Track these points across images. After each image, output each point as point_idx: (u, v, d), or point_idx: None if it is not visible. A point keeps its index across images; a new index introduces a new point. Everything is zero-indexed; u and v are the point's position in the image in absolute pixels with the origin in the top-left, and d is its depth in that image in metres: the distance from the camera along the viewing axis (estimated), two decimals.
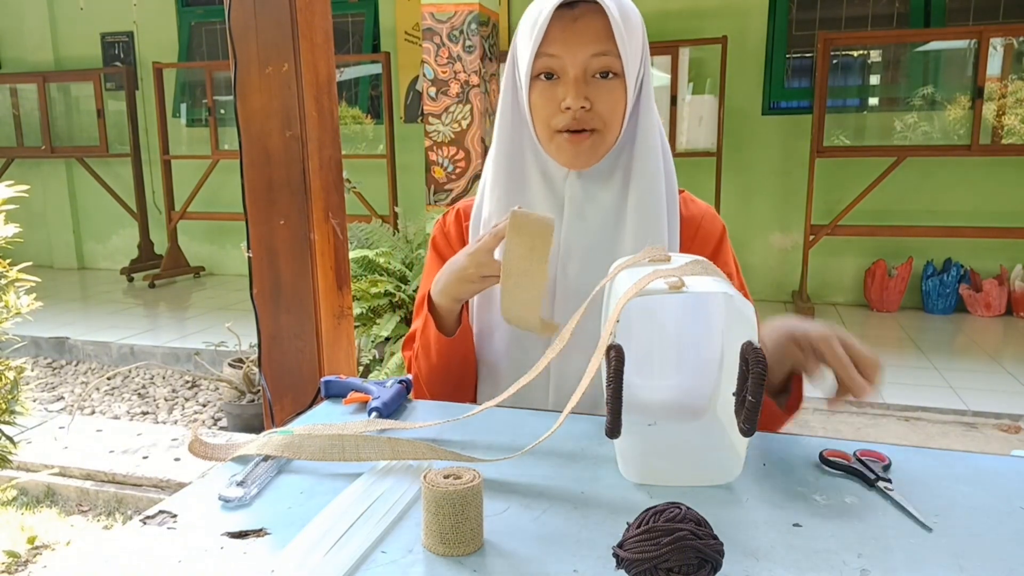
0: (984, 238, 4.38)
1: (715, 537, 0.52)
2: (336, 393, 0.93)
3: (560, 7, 0.90)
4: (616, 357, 0.62)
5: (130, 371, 3.81)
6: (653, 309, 0.81)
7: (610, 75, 0.91)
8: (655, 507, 0.53)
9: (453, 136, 3.49)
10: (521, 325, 0.90)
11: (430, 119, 3.51)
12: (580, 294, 0.81)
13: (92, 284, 5.75)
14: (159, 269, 5.63)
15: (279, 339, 1.32)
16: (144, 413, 3.31)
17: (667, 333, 0.81)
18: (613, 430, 0.64)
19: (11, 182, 2.00)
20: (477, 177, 3.53)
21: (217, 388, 3.48)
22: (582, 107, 0.90)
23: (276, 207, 1.29)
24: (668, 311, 0.81)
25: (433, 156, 3.54)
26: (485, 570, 0.55)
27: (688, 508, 0.53)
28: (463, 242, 1.06)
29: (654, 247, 0.76)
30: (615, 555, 0.52)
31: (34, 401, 2.93)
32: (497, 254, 0.90)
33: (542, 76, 0.92)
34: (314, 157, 1.27)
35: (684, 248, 0.99)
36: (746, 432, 0.63)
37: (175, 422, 3.19)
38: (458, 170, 3.53)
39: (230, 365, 3.04)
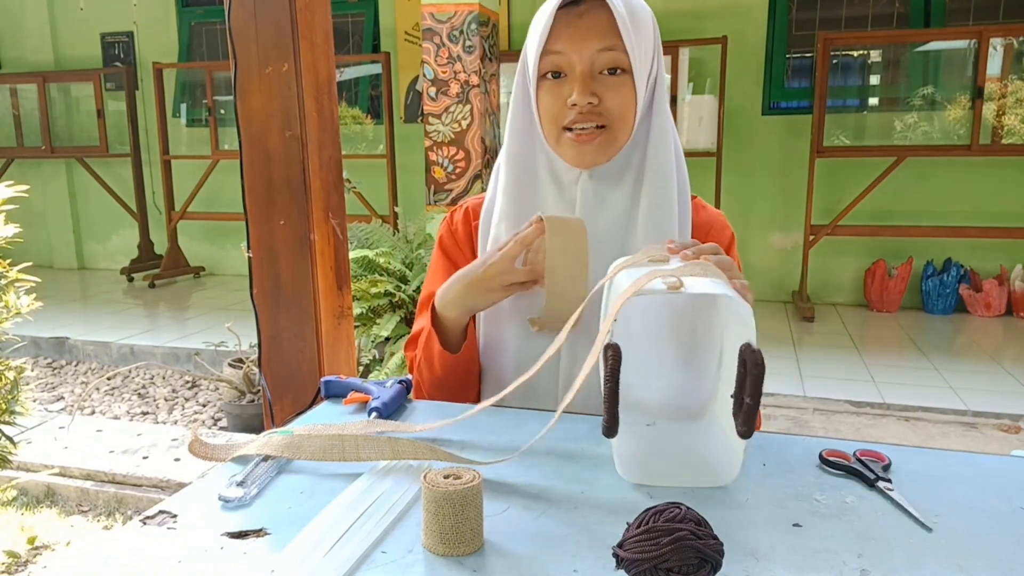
0: (984, 238, 4.38)
1: (715, 537, 0.52)
2: (336, 393, 0.93)
3: (566, 5, 0.89)
4: (613, 356, 0.62)
5: (130, 371, 3.81)
6: (652, 309, 0.81)
7: (618, 71, 0.90)
8: (655, 507, 0.53)
9: (453, 136, 3.49)
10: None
11: (430, 119, 3.51)
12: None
13: (92, 284, 5.75)
14: (159, 269, 5.63)
15: (279, 339, 1.32)
16: (144, 413, 3.31)
17: (665, 333, 0.81)
18: (610, 429, 0.64)
19: (11, 182, 2.00)
20: (477, 177, 3.53)
21: (217, 388, 3.48)
22: (589, 103, 0.89)
23: (276, 207, 1.29)
24: (667, 311, 0.81)
25: (433, 156, 3.54)
26: (485, 570, 0.55)
27: (688, 508, 0.53)
28: (471, 241, 1.04)
29: (654, 247, 0.76)
30: (615, 555, 0.52)
31: (34, 401, 2.93)
32: (516, 263, 0.89)
33: (549, 75, 0.92)
34: (314, 157, 1.27)
35: None
36: (744, 435, 0.63)
37: (175, 422, 3.19)
38: (458, 170, 3.53)
39: (230, 365, 3.04)
